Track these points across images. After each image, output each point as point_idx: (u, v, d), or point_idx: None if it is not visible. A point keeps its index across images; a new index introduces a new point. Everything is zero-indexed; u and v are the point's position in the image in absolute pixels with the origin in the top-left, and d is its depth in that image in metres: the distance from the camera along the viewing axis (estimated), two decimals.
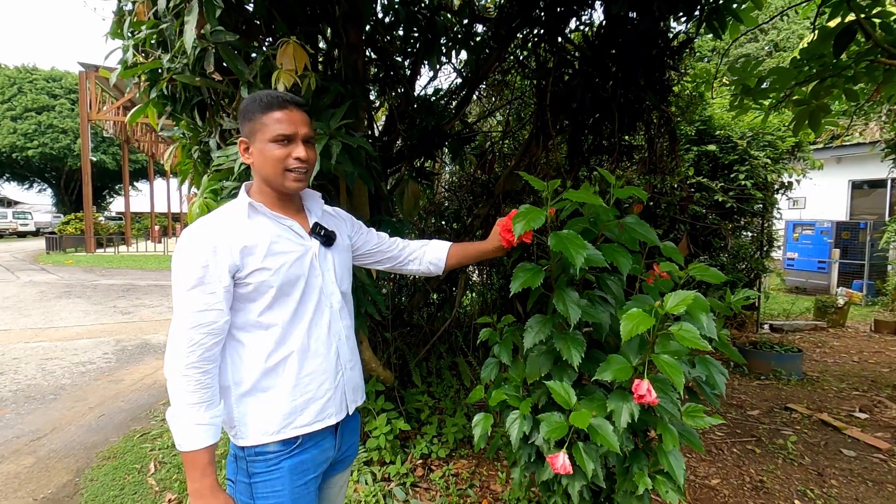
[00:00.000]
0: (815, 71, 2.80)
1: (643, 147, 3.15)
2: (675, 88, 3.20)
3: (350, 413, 1.23)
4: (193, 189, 2.05)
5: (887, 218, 9.49)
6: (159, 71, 1.63)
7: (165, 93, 1.86)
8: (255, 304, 1.06)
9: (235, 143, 1.42)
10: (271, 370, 1.08)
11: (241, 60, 1.46)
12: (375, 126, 3.45)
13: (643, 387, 1.03)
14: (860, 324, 6.47)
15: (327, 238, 1.18)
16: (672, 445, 1.20)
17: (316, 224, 1.18)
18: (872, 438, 3.09)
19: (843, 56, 2.70)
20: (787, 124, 5.01)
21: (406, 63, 3.06)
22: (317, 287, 1.13)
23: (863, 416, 3.49)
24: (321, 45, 2.58)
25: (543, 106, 2.58)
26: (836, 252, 8.19)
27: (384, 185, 2.91)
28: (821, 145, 10.09)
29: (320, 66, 2.50)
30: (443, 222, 3.90)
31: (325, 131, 1.54)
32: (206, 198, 1.68)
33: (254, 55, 1.52)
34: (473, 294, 4.39)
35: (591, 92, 2.69)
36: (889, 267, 8.06)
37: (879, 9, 2.36)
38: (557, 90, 2.64)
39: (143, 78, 1.92)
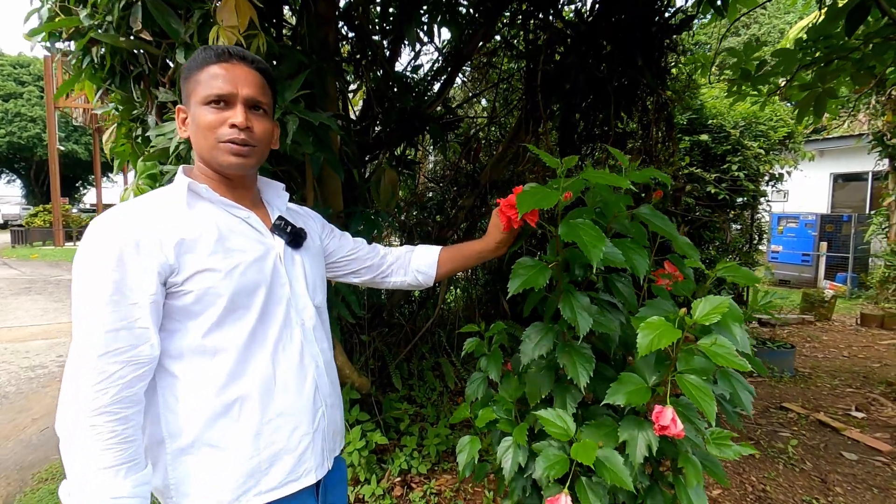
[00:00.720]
0: (819, 54, 2.63)
1: (637, 134, 2.95)
2: (674, 71, 3.01)
3: (332, 466, 0.97)
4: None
5: (868, 211, 9.56)
6: (81, 31, 1.36)
7: (100, 62, 1.58)
8: (197, 322, 0.79)
9: (174, 118, 1.16)
10: (222, 415, 0.80)
11: (174, 17, 1.20)
12: (351, 109, 3.19)
13: (667, 416, 0.82)
14: (846, 317, 6.44)
15: (295, 237, 0.93)
16: (696, 481, 0.99)
17: (280, 219, 0.93)
18: (872, 440, 2.97)
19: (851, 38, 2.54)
20: (779, 114, 4.88)
21: (385, 43, 2.81)
22: (283, 299, 0.88)
23: (859, 415, 3.37)
24: (287, 14, 2.31)
25: (534, 87, 2.36)
26: (824, 245, 8.18)
27: (359, 173, 2.67)
28: (801, 139, 10.09)
29: (286, 42, 2.23)
30: (425, 214, 3.66)
31: (280, 105, 1.29)
32: (141, 184, 1.42)
33: (193, 13, 1.26)
34: (458, 290, 4.17)
35: (585, 73, 2.47)
36: (871, 260, 8.08)
37: None
38: (549, 70, 2.42)
39: (78, 46, 1.64)
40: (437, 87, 3.00)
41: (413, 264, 1.14)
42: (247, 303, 0.82)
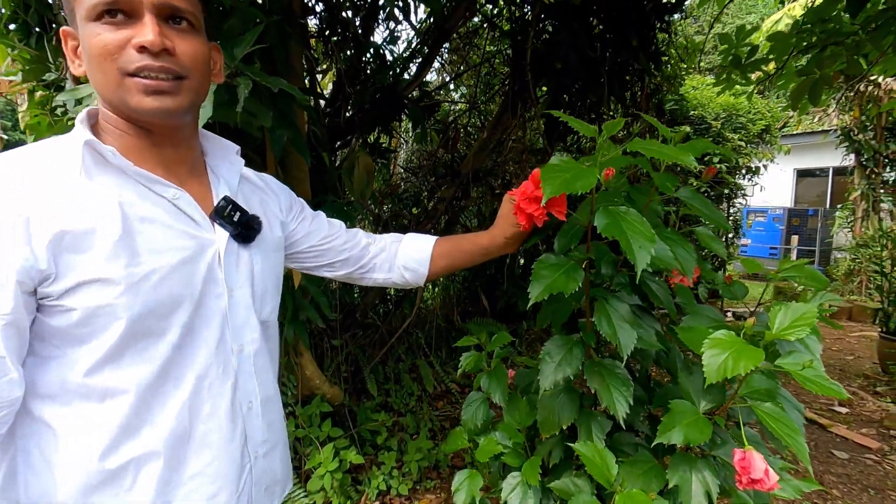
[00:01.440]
0: (814, 38, 2.52)
1: (629, 122, 2.79)
2: (671, 52, 2.85)
3: None
4: None
5: (828, 205, 9.84)
6: None
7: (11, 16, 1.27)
8: (82, 351, 0.54)
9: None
10: (108, 483, 0.56)
11: None
12: (319, 89, 2.91)
13: (757, 466, 0.62)
14: None
15: (245, 228, 0.67)
16: None
17: (226, 200, 0.67)
18: (860, 436, 2.92)
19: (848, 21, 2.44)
20: (757, 107, 4.84)
21: (357, 21, 2.54)
22: (216, 317, 0.63)
23: (843, 410, 3.34)
24: None
25: (522, 66, 2.14)
26: (795, 238, 8.35)
27: (330, 160, 2.40)
28: (777, 133, 10.31)
29: None
30: (400, 206, 3.42)
31: (229, 64, 1.03)
32: None
33: None
34: (435, 288, 3.95)
35: (577, 52, 2.28)
36: (834, 253, 8.30)
37: None
38: (538, 47, 2.21)
39: None
40: (414, 69, 2.76)
41: (400, 259, 0.89)
42: (159, 327, 0.57)
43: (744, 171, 5.16)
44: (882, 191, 6.65)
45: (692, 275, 0.78)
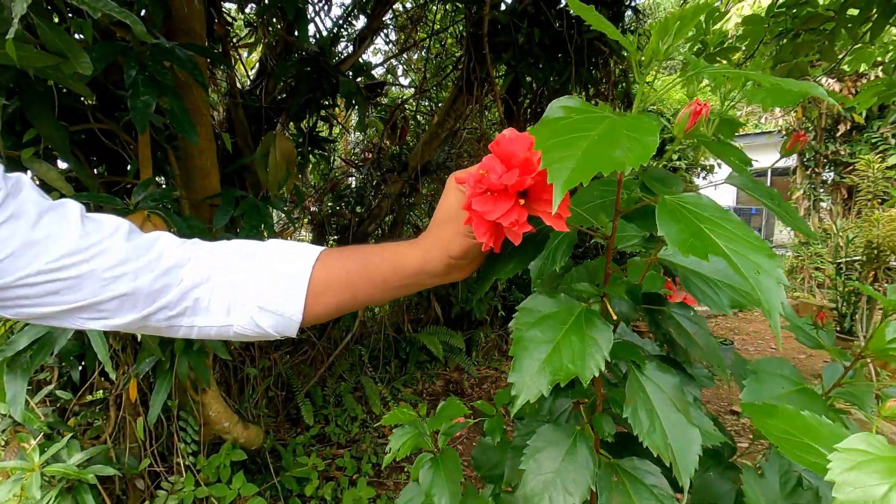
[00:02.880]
0: (789, 24, 2.35)
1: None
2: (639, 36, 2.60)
3: None
4: None
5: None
6: None
7: None
8: None
9: None
10: None
11: None
12: (244, 68, 2.48)
13: None
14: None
15: None
16: None
17: None
18: None
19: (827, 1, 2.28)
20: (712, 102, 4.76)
21: None
22: None
23: None
24: None
25: (479, 37, 1.81)
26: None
27: (248, 146, 1.98)
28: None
29: None
30: (341, 204, 3.01)
31: None
32: None
33: None
34: None
35: (540, 26, 1.97)
36: (779, 251, 8.58)
37: None
38: (496, 17, 1.88)
39: None
40: (352, 47, 2.38)
41: (252, 291, 0.48)
42: None
43: (698, 170, 5.10)
44: (822, 190, 6.87)
45: (776, 311, 0.46)
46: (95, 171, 1.46)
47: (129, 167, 1.33)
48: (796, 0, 2.23)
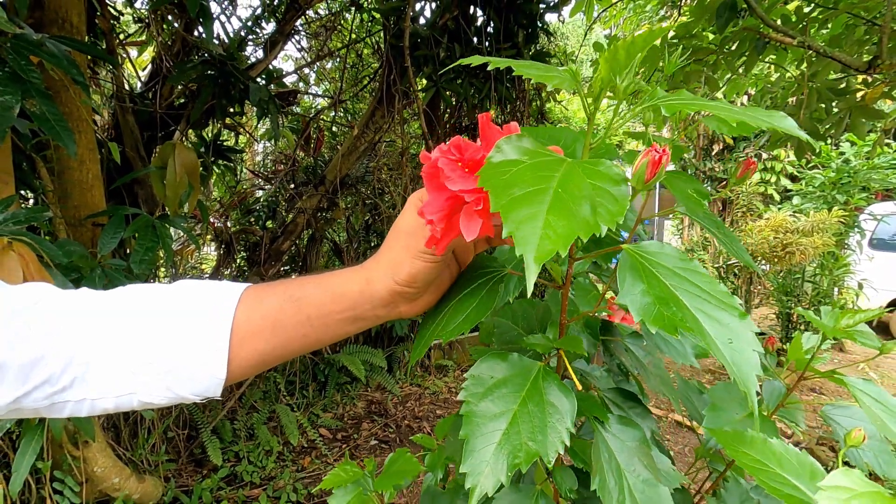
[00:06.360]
0: (682, 56, 2.59)
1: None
2: (552, 57, 2.71)
3: None
4: None
5: (656, 217, 11.33)
6: None
7: None
8: None
9: None
10: None
11: None
12: (129, 65, 2.21)
13: None
14: None
15: None
16: None
17: None
18: None
19: (711, 37, 2.56)
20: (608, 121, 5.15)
21: None
22: None
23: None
24: None
25: (400, 49, 1.76)
26: None
27: (141, 157, 1.76)
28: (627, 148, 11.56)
29: None
30: (252, 219, 2.79)
31: None
32: None
33: None
34: None
35: (461, 42, 1.98)
36: None
37: None
38: (417, 30, 1.85)
39: None
40: (261, 53, 2.21)
41: (160, 348, 0.37)
42: None
43: None
44: None
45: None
46: None
47: None
48: (688, 32, 2.47)
